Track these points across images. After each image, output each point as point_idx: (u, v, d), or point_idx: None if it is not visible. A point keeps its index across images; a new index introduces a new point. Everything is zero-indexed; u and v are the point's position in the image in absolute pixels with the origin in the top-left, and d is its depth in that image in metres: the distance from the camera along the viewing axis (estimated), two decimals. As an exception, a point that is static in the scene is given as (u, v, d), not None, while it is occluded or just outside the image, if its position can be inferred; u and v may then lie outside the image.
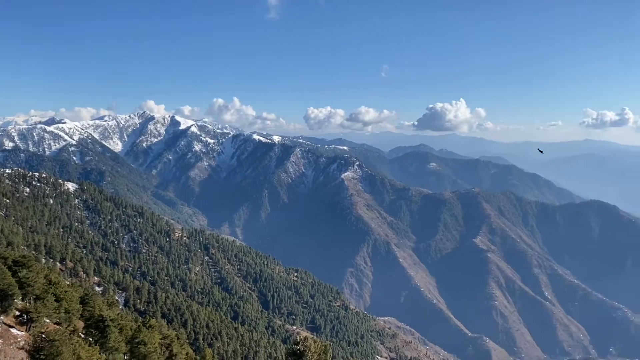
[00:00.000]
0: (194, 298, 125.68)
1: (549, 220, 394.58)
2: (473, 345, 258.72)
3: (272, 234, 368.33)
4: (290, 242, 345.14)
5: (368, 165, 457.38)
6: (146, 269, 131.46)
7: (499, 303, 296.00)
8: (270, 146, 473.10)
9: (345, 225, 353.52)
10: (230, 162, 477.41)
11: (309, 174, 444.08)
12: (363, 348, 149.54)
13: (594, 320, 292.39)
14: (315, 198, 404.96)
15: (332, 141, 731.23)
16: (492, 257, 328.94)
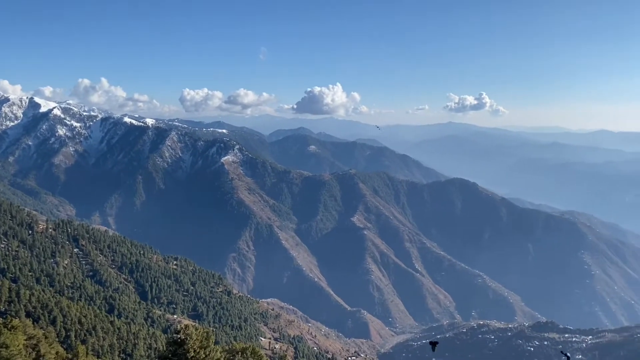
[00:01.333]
0: (64, 293, 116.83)
1: (418, 197, 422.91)
2: (352, 319, 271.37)
3: (149, 222, 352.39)
4: (169, 230, 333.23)
5: (248, 148, 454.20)
6: (6, 265, 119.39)
7: (375, 277, 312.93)
8: (143, 129, 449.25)
9: (226, 210, 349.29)
10: (99, 147, 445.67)
11: (186, 158, 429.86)
12: (247, 331, 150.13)
13: (458, 288, 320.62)
14: (194, 183, 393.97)
15: (210, 124, 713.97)
16: (368, 234, 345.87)
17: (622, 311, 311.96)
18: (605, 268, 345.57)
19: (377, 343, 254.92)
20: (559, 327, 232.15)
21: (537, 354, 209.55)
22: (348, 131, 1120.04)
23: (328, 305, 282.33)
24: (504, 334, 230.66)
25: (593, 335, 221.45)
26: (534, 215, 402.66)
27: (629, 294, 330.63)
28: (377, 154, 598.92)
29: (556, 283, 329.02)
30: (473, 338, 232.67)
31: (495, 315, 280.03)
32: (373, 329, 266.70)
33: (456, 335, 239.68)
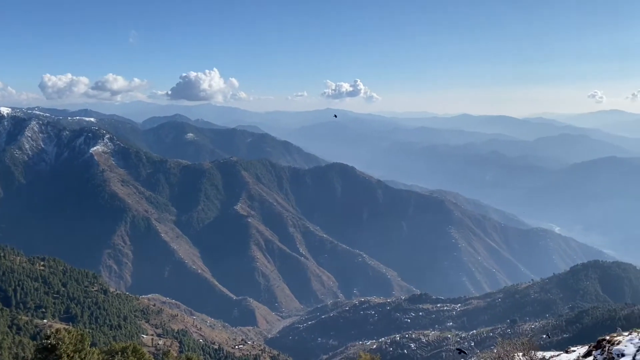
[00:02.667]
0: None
1: (300, 183, 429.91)
2: (238, 308, 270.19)
3: (9, 221, 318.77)
4: (33, 229, 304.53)
5: (120, 137, 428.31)
6: None
7: (261, 264, 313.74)
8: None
9: (98, 204, 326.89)
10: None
11: (50, 150, 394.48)
12: (127, 330, 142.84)
13: (340, 268, 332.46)
14: (60, 176, 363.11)
15: (76, 112, 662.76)
16: (252, 222, 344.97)
17: (485, 279, 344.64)
18: (470, 241, 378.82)
19: (264, 329, 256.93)
20: (431, 298, 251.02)
21: (413, 324, 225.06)
22: (227, 118, 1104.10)
23: (213, 296, 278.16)
24: (383, 309, 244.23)
25: (461, 303, 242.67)
26: (406, 196, 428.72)
27: (490, 263, 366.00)
28: (259, 141, 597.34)
29: (428, 257, 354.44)
30: (355, 315, 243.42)
31: (375, 292, 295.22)
32: (260, 315, 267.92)
33: (340, 313, 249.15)
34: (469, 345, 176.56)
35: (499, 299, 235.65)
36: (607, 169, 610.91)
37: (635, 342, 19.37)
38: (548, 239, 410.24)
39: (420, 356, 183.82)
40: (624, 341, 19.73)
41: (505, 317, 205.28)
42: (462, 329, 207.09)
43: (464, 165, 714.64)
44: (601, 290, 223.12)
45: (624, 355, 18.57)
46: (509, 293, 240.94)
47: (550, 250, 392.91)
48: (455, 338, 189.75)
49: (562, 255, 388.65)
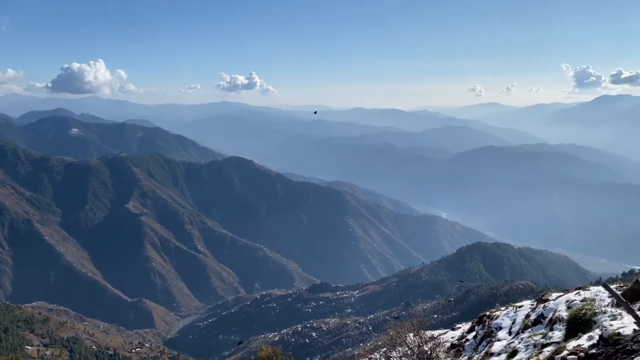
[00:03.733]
0: None
1: (196, 178, 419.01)
2: (134, 310, 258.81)
3: None
4: None
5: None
6: None
7: (156, 264, 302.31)
8: None
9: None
10: None
11: None
12: (9, 342, 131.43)
13: (241, 263, 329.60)
14: None
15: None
16: (146, 221, 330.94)
17: (381, 265, 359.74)
18: (366, 229, 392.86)
19: (163, 330, 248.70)
20: (331, 286, 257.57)
21: (314, 313, 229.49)
22: (116, 111, 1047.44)
23: (105, 299, 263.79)
24: (284, 300, 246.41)
25: (359, 290, 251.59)
26: (305, 188, 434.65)
27: (385, 249, 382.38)
28: (151, 135, 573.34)
29: (327, 247, 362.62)
30: (257, 309, 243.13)
31: (277, 284, 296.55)
32: (157, 316, 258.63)
33: (241, 309, 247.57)
34: (367, 329, 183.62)
35: (394, 283, 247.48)
36: (486, 157, 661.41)
37: (511, 315, 21.33)
38: (436, 224, 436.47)
39: (321, 344, 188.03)
40: (501, 315, 21.68)
41: (400, 300, 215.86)
42: (360, 315, 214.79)
43: (359, 157, 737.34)
44: (484, 269, 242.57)
45: (502, 328, 20.40)
46: (403, 277, 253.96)
47: (438, 235, 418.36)
48: (354, 323, 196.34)
49: (449, 239, 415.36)
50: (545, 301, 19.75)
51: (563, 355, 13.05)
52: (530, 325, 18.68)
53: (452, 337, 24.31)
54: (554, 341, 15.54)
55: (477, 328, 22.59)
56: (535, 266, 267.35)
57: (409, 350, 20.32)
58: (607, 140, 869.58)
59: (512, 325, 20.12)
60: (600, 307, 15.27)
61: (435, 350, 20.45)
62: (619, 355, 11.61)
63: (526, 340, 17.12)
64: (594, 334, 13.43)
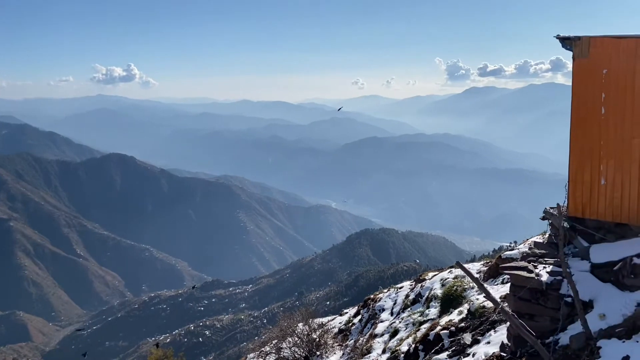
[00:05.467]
0: None
1: (72, 177, 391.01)
2: (5, 323, 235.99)
3: None
4: None
5: None
6: None
7: (30, 272, 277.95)
8: None
9: None
10: None
11: None
12: None
13: (126, 266, 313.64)
14: None
15: None
16: (16, 226, 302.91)
17: (274, 257, 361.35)
18: (257, 223, 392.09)
19: (41, 342, 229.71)
20: (223, 283, 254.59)
21: (207, 311, 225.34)
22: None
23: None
24: (175, 301, 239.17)
25: (253, 284, 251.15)
26: (192, 183, 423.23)
27: (277, 241, 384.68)
28: (17, 133, 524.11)
29: (218, 243, 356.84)
30: (146, 311, 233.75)
31: (166, 285, 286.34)
32: (33, 328, 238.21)
33: (128, 312, 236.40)
34: (261, 323, 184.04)
35: (287, 274, 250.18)
36: (370, 148, 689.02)
37: (393, 296, 22.47)
38: (327, 214, 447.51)
39: (215, 341, 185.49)
40: (384, 297, 22.76)
41: (294, 290, 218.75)
42: (254, 308, 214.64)
43: (247, 150, 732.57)
44: (372, 254, 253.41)
45: (384, 309, 21.42)
46: (296, 267, 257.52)
47: (329, 224, 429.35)
48: (248, 318, 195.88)
49: (339, 227, 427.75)
50: (423, 281, 21.06)
51: (437, 331, 14.00)
52: (409, 304, 19.81)
53: (339, 323, 25.09)
54: (430, 318, 16.61)
55: (362, 311, 23.51)
56: (417, 248, 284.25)
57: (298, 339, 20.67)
58: (477, 128, 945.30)
59: (394, 306, 21.20)
60: (469, 284, 16.59)
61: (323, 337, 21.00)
62: (485, 326, 12.71)
63: (406, 320, 18.13)
64: (464, 309, 14.56)
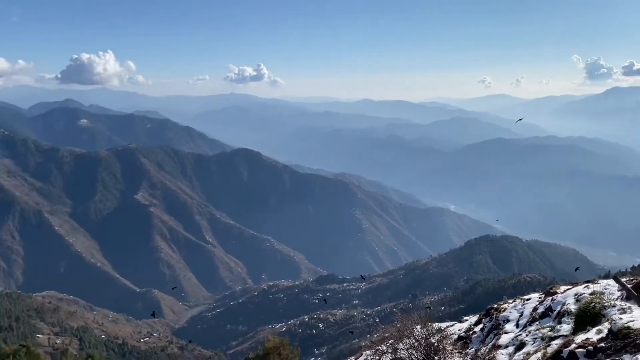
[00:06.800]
0: None
1: (205, 169, 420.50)
2: (142, 300, 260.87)
3: None
4: None
5: (3, 124, 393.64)
6: None
7: (165, 254, 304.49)
8: None
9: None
10: None
11: None
12: (20, 331, 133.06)
13: (248, 254, 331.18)
14: None
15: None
16: (155, 211, 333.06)
17: (387, 257, 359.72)
18: (373, 221, 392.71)
19: (171, 320, 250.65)
20: (338, 278, 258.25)
21: (321, 304, 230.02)
22: (125, 102, 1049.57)
23: (115, 289, 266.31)
24: (291, 292, 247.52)
25: (366, 281, 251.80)
26: (312, 179, 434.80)
27: (392, 241, 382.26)
28: (159, 127, 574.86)
29: (334, 239, 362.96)
30: (264, 299, 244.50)
31: (284, 275, 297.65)
32: (166, 306, 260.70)
33: (249, 299, 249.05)
34: (374, 321, 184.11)
35: (401, 275, 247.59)
36: (495, 150, 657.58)
37: (519, 308, 21.27)
38: (444, 216, 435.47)
39: (327, 335, 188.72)
40: (509, 308, 21.62)
41: (407, 292, 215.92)
42: (367, 306, 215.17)
43: (366, 149, 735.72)
44: (492, 262, 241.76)
45: (509, 320, 20.36)
46: (410, 269, 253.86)
47: (446, 227, 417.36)
48: (361, 315, 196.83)
49: (457, 231, 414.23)
50: (553, 294, 19.68)
51: (571, 349, 13.02)
52: (537, 318, 18.62)
53: (459, 330, 24.29)
54: (561, 334, 15.49)
55: (484, 320, 22.55)
56: (543, 259, 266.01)
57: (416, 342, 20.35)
58: (617, 132, 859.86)
59: (520, 318, 20.08)
60: (609, 301, 15.18)
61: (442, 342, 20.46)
62: (629, 348, 11.56)
63: (534, 333, 17.08)
64: (603, 328, 13.37)
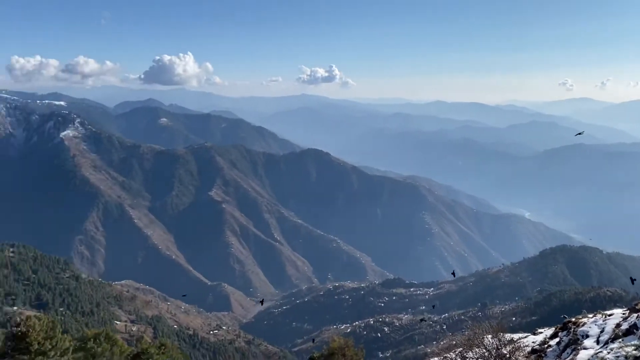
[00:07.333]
0: None
1: (275, 169, 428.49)
2: (213, 293, 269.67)
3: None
4: (2, 214, 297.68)
5: (91, 122, 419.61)
6: None
7: (235, 249, 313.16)
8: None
9: (69, 190, 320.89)
10: None
11: (18, 134, 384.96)
12: (100, 316, 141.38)
13: (315, 253, 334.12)
14: (29, 162, 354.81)
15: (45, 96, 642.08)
16: (227, 208, 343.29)
17: (457, 263, 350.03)
18: (442, 226, 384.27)
19: (239, 314, 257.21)
20: (405, 282, 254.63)
21: (387, 308, 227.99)
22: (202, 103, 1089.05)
23: (187, 281, 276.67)
24: (357, 293, 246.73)
25: (434, 287, 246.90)
26: (380, 181, 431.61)
27: (462, 247, 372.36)
28: (233, 126, 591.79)
29: (402, 242, 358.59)
30: (330, 299, 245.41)
31: (349, 276, 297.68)
32: (235, 300, 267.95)
33: (314, 298, 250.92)
34: (441, 328, 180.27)
35: (471, 282, 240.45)
36: (575, 156, 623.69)
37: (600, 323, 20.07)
38: (518, 224, 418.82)
39: (393, 339, 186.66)
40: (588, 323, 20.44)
41: (477, 300, 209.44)
42: (434, 312, 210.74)
43: (437, 152, 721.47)
44: (569, 273, 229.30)
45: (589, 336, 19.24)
46: (480, 277, 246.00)
47: (520, 235, 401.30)
48: (428, 321, 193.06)
49: (531, 239, 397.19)
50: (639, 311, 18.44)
51: (659, 370, 12.11)
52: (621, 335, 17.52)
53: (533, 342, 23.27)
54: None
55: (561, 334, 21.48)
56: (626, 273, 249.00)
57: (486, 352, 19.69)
58: None
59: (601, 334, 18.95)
60: None
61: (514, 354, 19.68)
62: None
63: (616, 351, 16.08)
64: (697, 350, 12.34)
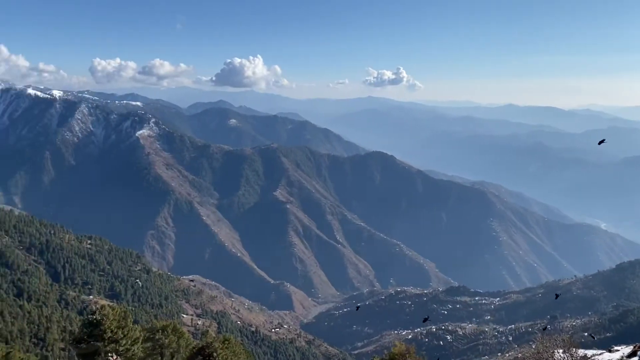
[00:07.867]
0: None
1: (339, 171, 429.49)
2: (275, 292, 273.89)
3: (59, 200, 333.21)
4: (82, 208, 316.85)
5: (165, 122, 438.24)
6: None
7: (298, 249, 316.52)
8: (49, 102, 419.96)
9: (143, 187, 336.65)
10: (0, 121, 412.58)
11: (98, 132, 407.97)
12: (168, 309, 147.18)
13: (377, 257, 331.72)
14: (107, 159, 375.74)
15: (123, 96, 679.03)
16: (291, 208, 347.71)
17: (525, 273, 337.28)
18: (511, 234, 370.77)
19: (300, 314, 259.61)
20: (469, 290, 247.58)
21: (450, 316, 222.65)
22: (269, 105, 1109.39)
23: (251, 279, 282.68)
24: (420, 299, 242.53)
25: (500, 297, 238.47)
26: (447, 186, 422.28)
27: (531, 257, 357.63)
28: (299, 128, 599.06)
29: (467, 249, 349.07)
30: (391, 304, 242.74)
31: (412, 282, 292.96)
32: (296, 300, 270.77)
33: (375, 302, 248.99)
34: (506, 339, 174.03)
35: (540, 294, 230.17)
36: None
37: (684, 344, 18.67)
38: (593, 234, 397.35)
39: (456, 348, 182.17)
40: (671, 343, 19.06)
41: (546, 312, 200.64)
42: (499, 323, 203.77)
43: (507, 157, 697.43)
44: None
45: (671, 357, 17.96)
46: (550, 288, 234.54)
47: (595, 247, 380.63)
48: (492, 331, 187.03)
49: (607, 252, 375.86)
50: None
51: None
52: None
53: None
54: None
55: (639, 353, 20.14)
56: None
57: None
58: None
59: (686, 356, 17.60)
60: None
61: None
62: None
63: (703, 376, 14.86)
64: None
